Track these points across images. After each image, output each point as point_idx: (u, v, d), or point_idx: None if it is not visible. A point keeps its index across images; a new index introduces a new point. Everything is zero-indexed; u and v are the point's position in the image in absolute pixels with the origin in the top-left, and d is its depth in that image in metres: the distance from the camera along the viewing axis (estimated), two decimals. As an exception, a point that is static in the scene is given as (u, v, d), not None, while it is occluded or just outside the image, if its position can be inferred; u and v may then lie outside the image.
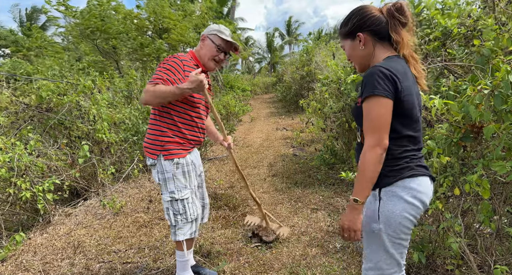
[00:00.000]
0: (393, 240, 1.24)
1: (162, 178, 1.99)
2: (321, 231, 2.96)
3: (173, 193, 2.00)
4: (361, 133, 1.34)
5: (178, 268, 2.17)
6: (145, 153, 2.05)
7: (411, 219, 1.23)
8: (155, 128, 2.00)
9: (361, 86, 1.23)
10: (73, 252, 2.75)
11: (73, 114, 3.97)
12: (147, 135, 2.04)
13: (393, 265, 1.29)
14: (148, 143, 2.02)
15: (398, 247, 1.26)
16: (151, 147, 2.00)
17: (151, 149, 2.00)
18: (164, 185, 2.00)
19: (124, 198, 3.96)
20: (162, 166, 1.98)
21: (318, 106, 4.61)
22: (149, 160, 2.02)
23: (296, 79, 11.58)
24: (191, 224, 2.08)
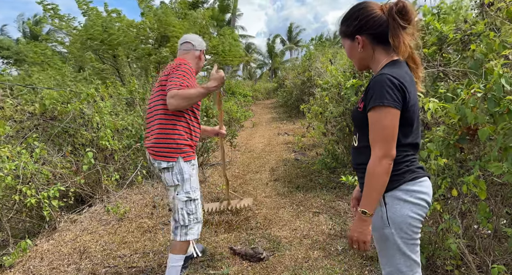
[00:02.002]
0: (407, 241, 1.25)
1: (180, 179, 2.05)
2: (323, 234, 2.99)
3: (189, 193, 2.08)
4: (358, 137, 1.38)
5: (169, 273, 2.12)
6: (156, 157, 2.05)
7: (419, 218, 1.25)
8: (172, 132, 2.04)
9: (366, 93, 1.24)
10: (79, 257, 2.80)
11: (77, 122, 4.04)
12: (162, 139, 2.04)
13: (413, 266, 1.29)
14: (164, 147, 2.04)
15: (413, 247, 1.28)
16: (168, 150, 2.04)
17: (169, 152, 2.04)
18: (182, 186, 2.07)
19: (128, 204, 4.01)
20: (181, 168, 2.05)
21: (319, 111, 4.67)
22: (164, 163, 2.03)
23: (297, 84, 11.67)
24: (199, 225, 2.17)
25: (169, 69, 2.08)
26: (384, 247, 1.31)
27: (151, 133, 2.11)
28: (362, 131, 1.34)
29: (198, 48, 2.28)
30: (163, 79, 2.07)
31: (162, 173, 2.07)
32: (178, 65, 2.06)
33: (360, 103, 1.32)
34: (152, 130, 2.09)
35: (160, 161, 2.04)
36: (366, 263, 2.43)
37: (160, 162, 2.04)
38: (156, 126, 2.07)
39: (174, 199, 2.09)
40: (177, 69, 2.03)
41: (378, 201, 1.24)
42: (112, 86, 5.37)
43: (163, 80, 2.07)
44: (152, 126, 2.11)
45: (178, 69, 2.03)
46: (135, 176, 4.76)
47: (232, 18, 27.95)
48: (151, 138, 2.09)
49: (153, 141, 2.07)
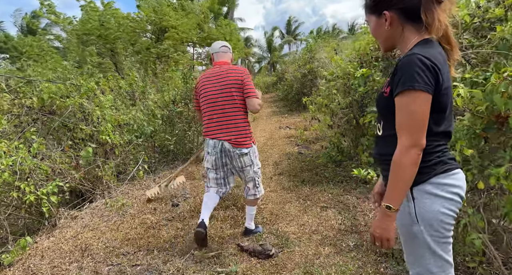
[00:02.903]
0: (438, 240, 1.14)
1: (254, 158, 2.69)
2: (333, 230, 2.90)
3: (259, 164, 2.77)
4: (383, 125, 1.26)
5: (250, 219, 2.90)
6: (239, 145, 2.57)
7: (452, 214, 1.14)
8: (245, 125, 2.62)
9: (393, 76, 1.13)
10: (80, 255, 2.70)
11: (77, 116, 3.92)
12: (243, 131, 2.58)
13: (445, 266, 1.18)
14: (245, 137, 2.59)
15: (445, 246, 1.16)
16: (247, 139, 2.61)
17: (247, 141, 2.61)
18: (256, 162, 2.72)
19: (130, 200, 3.90)
20: (254, 150, 2.70)
21: (325, 103, 4.55)
22: (245, 149, 2.59)
23: (298, 77, 11.51)
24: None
25: (240, 73, 2.59)
26: (411, 246, 1.20)
27: (228, 127, 2.57)
28: (388, 118, 1.22)
29: (231, 51, 2.86)
30: (238, 82, 2.56)
31: (242, 157, 2.60)
32: (247, 71, 2.64)
33: (386, 87, 1.20)
34: (230, 125, 2.57)
35: (241, 148, 2.58)
36: (380, 260, 2.33)
37: (241, 149, 2.58)
38: (236, 121, 2.58)
39: (253, 173, 2.70)
40: (249, 76, 2.61)
41: (404, 195, 1.13)
42: (113, 80, 5.23)
43: (238, 84, 2.56)
44: (228, 121, 2.58)
45: (249, 76, 2.62)
46: (136, 171, 4.66)
47: (230, 10, 27.65)
48: (230, 131, 2.57)
49: (235, 133, 2.56)
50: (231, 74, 2.57)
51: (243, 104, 2.59)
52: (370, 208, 3.23)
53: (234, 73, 2.57)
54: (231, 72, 2.59)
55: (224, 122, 2.57)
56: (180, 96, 5.66)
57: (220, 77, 2.59)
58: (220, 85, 2.57)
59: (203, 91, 2.65)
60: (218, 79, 2.60)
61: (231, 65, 2.72)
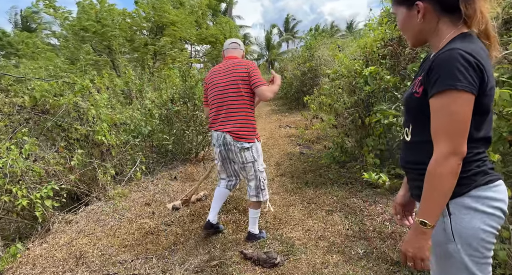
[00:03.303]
0: (477, 260, 1.00)
1: (257, 155, 2.59)
2: (340, 235, 2.77)
3: (263, 164, 2.69)
4: (412, 130, 1.12)
5: (253, 222, 2.76)
6: (240, 139, 2.50)
7: (494, 231, 1.00)
8: (249, 119, 2.56)
9: (428, 74, 0.99)
10: (75, 263, 2.55)
11: (71, 116, 3.76)
12: (244, 123, 2.52)
13: None
14: (246, 131, 2.52)
15: (485, 267, 1.02)
16: (249, 133, 2.54)
17: (250, 135, 2.54)
18: (258, 160, 2.61)
19: (127, 203, 3.75)
20: (257, 146, 2.60)
21: (329, 102, 4.41)
22: (246, 144, 2.51)
23: (297, 75, 11.36)
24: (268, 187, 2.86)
25: (246, 66, 2.55)
26: (445, 266, 1.07)
27: (231, 119, 2.52)
28: (419, 122, 1.08)
29: (242, 48, 2.84)
30: (243, 74, 2.52)
31: (243, 152, 2.53)
32: (253, 63, 2.58)
33: (418, 87, 1.06)
34: (233, 117, 2.52)
35: (243, 142, 2.50)
36: (393, 269, 2.20)
37: (242, 143, 2.50)
38: (239, 113, 2.52)
39: (255, 172, 2.60)
40: (255, 67, 2.56)
41: (442, 209, 0.99)
42: (108, 77, 5.06)
43: (243, 76, 2.52)
44: (231, 113, 2.53)
45: (256, 68, 2.56)
46: (133, 172, 4.51)
47: (229, 7, 27.42)
48: (232, 123, 2.51)
49: (236, 125, 2.50)
50: (237, 67, 2.57)
51: (249, 97, 2.57)
52: (378, 212, 3.11)
53: (240, 66, 2.56)
54: (237, 65, 2.58)
55: (228, 115, 2.55)
56: (178, 95, 5.50)
57: (227, 70, 2.61)
58: (227, 78, 2.58)
59: (211, 85, 2.68)
60: (225, 72, 2.61)
61: (239, 58, 2.72)
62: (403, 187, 1.30)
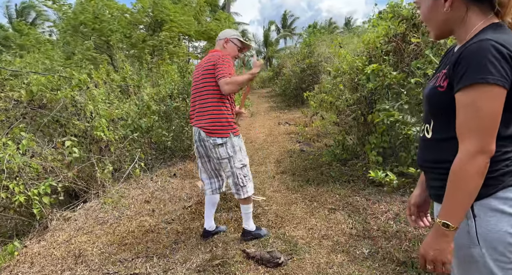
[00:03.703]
0: (503, 265, 0.95)
1: (233, 151, 2.49)
2: (344, 235, 2.73)
3: (242, 161, 2.55)
4: (434, 126, 1.07)
5: (245, 218, 2.70)
6: (212, 135, 2.44)
7: None
8: (222, 112, 2.46)
9: (455, 66, 0.93)
10: (74, 262, 2.50)
11: (69, 110, 3.68)
12: (215, 118, 2.44)
13: None
14: (218, 125, 2.44)
15: (511, 273, 0.96)
16: (222, 128, 2.45)
17: (223, 130, 2.45)
18: (235, 156, 2.50)
19: (126, 200, 3.70)
20: (233, 142, 2.49)
21: (330, 100, 4.36)
22: (219, 139, 2.44)
23: (296, 72, 11.30)
24: (252, 182, 2.67)
25: (215, 60, 2.46)
26: (468, 271, 1.02)
27: (202, 114, 2.48)
28: (441, 118, 1.03)
29: (221, 37, 2.70)
30: (209, 68, 2.46)
31: (217, 148, 2.46)
32: (222, 56, 2.48)
33: (443, 81, 1.00)
34: (204, 112, 2.47)
35: (215, 138, 2.43)
36: (400, 270, 2.17)
37: (215, 139, 2.43)
38: (210, 108, 2.45)
39: (232, 168, 2.51)
40: (222, 59, 2.45)
41: (466, 210, 0.94)
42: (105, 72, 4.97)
43: (209, 69, 2.46)
44: (202, 108, 2.48)
45: (224, 59, 2.45)
46: (132, 168, 4.44)
47: (227, 3, 27.23)
48: (205, 118, 2.46)
49: (207, 121, 2.44)
50: (207, 62, 2.53)
51: (217, 91, 2.46)
52: (381, 211, 3.07)
53: (210, 60, 2.52)
54: (208, 59, 2.55)
55: (201, 110, 2.52)
56: (177, 91, 5.43)
57: (201, 66, 2.59)
58: (199, 74, 2.56)
59: (192, 81, 2.70)
60: (200, 68, 2.60)
61: (217, 52, 2.61)
62: (419, 187, 1.25)
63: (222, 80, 2.36)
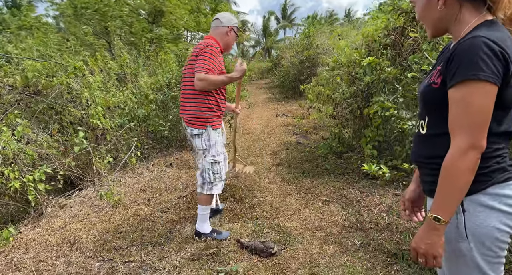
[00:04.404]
0: (490, 259, 0.98)
1: (207, 144, 2.46)
2: (337, 226, 2.76)
3: (214, 157, 2.49)
4: (428, 122, 1.08)
5: (200, 220, 2.59)
6: (190, 125, 2.44)
7: (510, 231, 0.97)
8: (201, 105, 2.39)
9: (448, 63, 0.94)
10: (69, 248, 2.52)
11: (64, 98, 3.66)
12: (194, 109, 2.40)
13: None
14: (196, 117, 2.40)
15: (497, 267, 1.00)
16: (199, 119, 2.41)
17: (200, 121, 2.41)
18: (208, 150, 2.48)
19: (122, 188, 3.71)
20: (209, 135, 2.45)
21: (327, 92, 4.36)
22: (195, 130, 2.43)
23: (295, 64, 11.25)
24: (223, 182, 2.62)
25: (198, 50, 2.36)
26: (456, 265, 1.04)
27: (184, 104, 2.47)
28: (435, 114, 1.04)
29: (226, 24, 2.52)
30: (193, 57, 2.38)
31: (193, 138, 2.47)
32: (206, 46, 2.34)
33: (437, 77, 1.01)
34: (187, 102, 2.44)
35: (192, 128, 2.44)
36: (390, 261, 2.21)
37: (192, 129, 2.44)
38: (190, 99, 2.41)
39: (203, 160, 2.49)
40: (205, 51, 2.32)
41: (457, 205, 0.96)
42: (101, 59, 4.91)
43: (192, 59, 2.38)
44: (186, 99, 2.45)
45: (206, 51, 2.32)
46: (129, 157, 4.44)
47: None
48: (186, 108, 2.44)
49: (187, 111, 2.43)
50: (193, 52, 2.44)
51: None
52: (374, 203, 3.11)
53: (194, 51, 2.42)
54: (194, 49, 2.46)
55: (184, 100, 2.51)
56: (175, 80, 5.40)
57: (191, 54, 2.50)
58: (187, 63, 2.51)
59: None
60: (190, 56, 2.51)
61: (209, 40, 2.45)
62: (414, 182, 1.27)
63: (197, 74, 2.26)
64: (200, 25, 12.41)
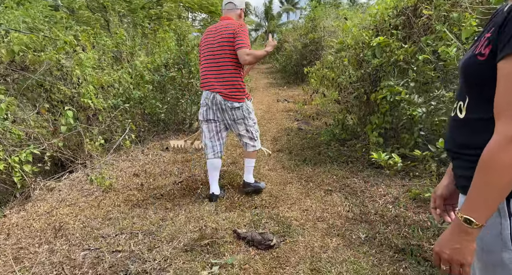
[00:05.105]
0: None
1: (247, 112, 2.80)
2: (340, 217, 2.60)
3: (254, 119, 2.90)
4: (469, 104, 0.88)
5: (249, 171, 2.96)
6: (230, 99, 2.68)
7: None
8: (237, 80, 2.70)
9: (500, 30, 0.75)
10: (53, 235, 2.35)
11: (53, 74, 3.43)
12: (234, 84, 2.68)
13: None
14: (236, 91, 2.69)
15: None
16: (240, 94, 2.71)
17: (240, 95, 2.71)
18: (248, 117, 2.81)
19: (114, 172, 3.53)
20: (247, 105, 2.79)
21: (332, 76, 4.13)
22: (236, 103, 2.70)
23: (298, 47, 10.90)
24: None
25: (233, 30, 2.61)
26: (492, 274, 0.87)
27: (219, 80, 2.67)
28: (479, 94, 0.84)
29: (239, 7, 2.82)
30: (229, 36, 2.61)
31: (234, 110, 2.72)
32: (240, 25, 2.63)
33: (484, 47, 0.80)
34: (222, 78, 2.67)
35: (233, 102, 2.69)
36: (398, 257, 2.05)
37: (232, 103, 2.69)
38: (228, 75, 2.66)
39: (246, 126, 2.82)
40: (242, 29, 2.61)
41: (496, 206, 0.77)
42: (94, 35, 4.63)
43: (229, 37, 2.61)
44: (223, 75, 2.67)
45: (243, 29, 2.62)
46: (123, 140, 4.25)
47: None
48: (221, 83, 2.67)
49: (226, 86, 2.67)
50: (225, 29, 2.64)
51: (235, 59, 2.65)
52: (380, 194, 2.94)
53: (228, 28, 2.64)
54: (226, 26, 2.66)
55: (217, 75, 2.68)
56: (173, 61, 5.15)
57: (217, 32, 2.69)
58: (216, 40, 2.67)
59: (203, 45, 2.78)
60: (215, 34, 2.69)
61: (232, 20, 2.75)
62: (447, 176, 1.07)
63: (243, 50, 2.55)
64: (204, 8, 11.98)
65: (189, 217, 2.61)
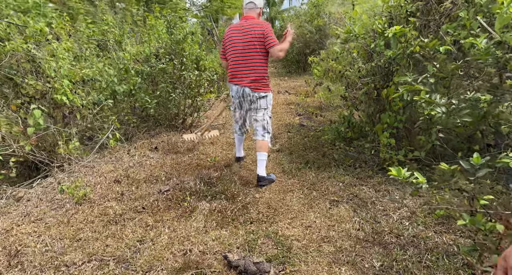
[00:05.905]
0: None
1: (269, 104, 3.08)
2: (349, 238, 2.22)
3: (270, 114, 3.12)
4: None
5: (262, 165, 3.01)
6: (258, 90, 2.98)
7: None
8: (264, 74, 3.00)
9: None
10: (6, 264, 1.98)
11: (21, 67, 3.01)
12: (262, 76, 2.97)
13: None
14: (263, 83, 3.00)
15: None
16: (266, 85, 3.02)
17: (267, 86, 3.03)
18: (268, 109, 3.08)
19: (93, 177, 3.14)
20: (270, 97, 3.09)
21: (339, 68, 3.69)
22: (263, 93, 3.01)
23: (301, 35, 10.35)
24: None
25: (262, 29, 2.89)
26: None
27: (249, 74, 2.96)
28: None
29: (259, 6, 3.06)
30: (259, 35, 2.88)
31: (260, 99, 3.02)
32: (268, 25, 2.92)
33: None
34: (251, 73, 2.95)
35: (260, 92, 2.99)
36: (423, 299, 1.68)
37: (259, 93, 2.99)
38: (256, 71, 2.95)
39: (264, 116, 3.06)
40: (270, 29, 2.90)
41: None
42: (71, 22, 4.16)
43: (259, 36, 2.88)
44: (252, 68, 2.95)
45: (270, 28, 2.91)
46: (106, 138, 3.85)
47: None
48: (250, 77, 2.95)
49: (254, 80, 2.96)
50: (255, 28, 2.90)
51: (264, 56, 2.95)
52: (394, 206, 2.56)
53: (258, 27, 2.90)
54: (255, 26, 2.91)
55: (247, 72, 2.96)
56: (164, 50, 4.70)
57: (245, 31, 2.93)
58: (245, 38, 2.92)
59: (230, 42, 3.01)
60: (244, 31, 2.94)
61: (256, 19, 3.00)
62: None
63: (275, 47, 2.86)
64: None
65: (173, 237, 2.23)
